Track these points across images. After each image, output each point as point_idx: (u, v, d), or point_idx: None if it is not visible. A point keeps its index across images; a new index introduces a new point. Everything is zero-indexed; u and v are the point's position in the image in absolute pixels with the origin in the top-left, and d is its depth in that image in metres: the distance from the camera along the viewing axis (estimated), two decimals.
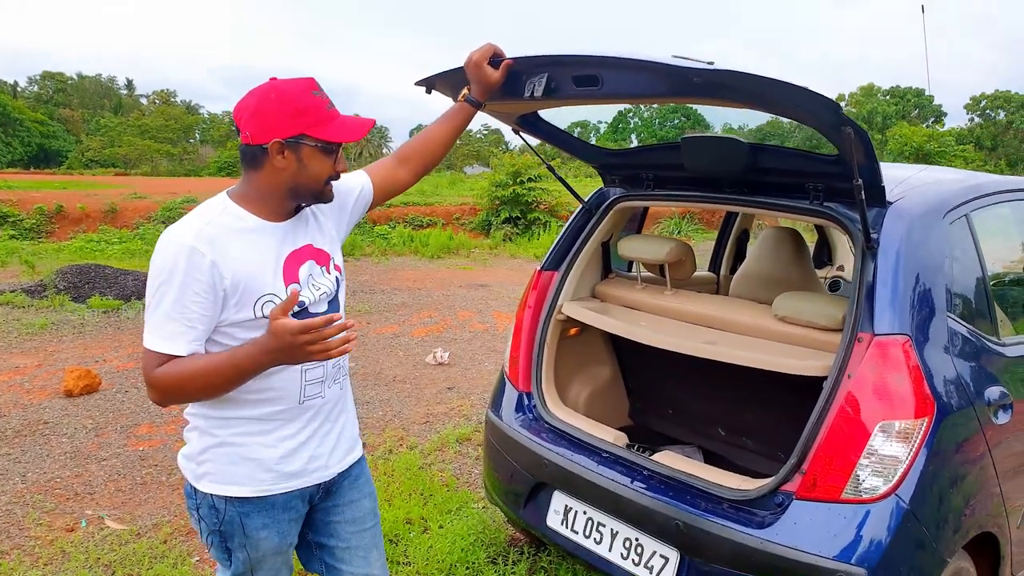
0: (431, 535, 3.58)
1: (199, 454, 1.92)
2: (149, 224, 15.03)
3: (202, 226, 1.77)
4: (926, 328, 2.33)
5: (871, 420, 2.20)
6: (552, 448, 2.91)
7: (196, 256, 1.71)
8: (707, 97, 2.18)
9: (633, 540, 2.62)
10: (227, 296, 1.76)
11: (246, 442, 1.89)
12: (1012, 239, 3.10)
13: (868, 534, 2.18)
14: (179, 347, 1.73)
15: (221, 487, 1.90)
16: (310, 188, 1.87)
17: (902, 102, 71.77)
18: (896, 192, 2.51)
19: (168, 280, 1.72)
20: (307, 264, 1.94)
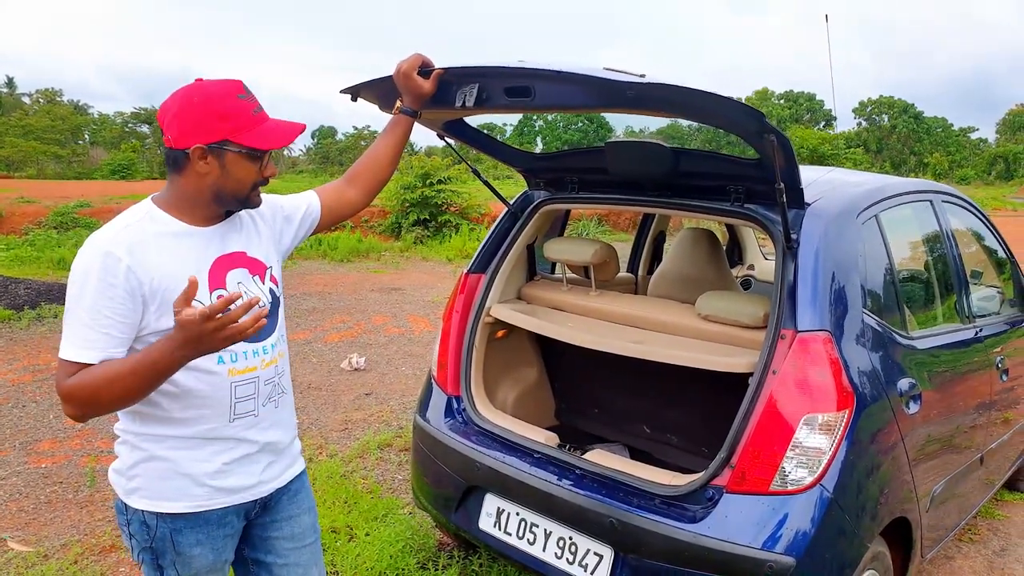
0: (358, 543, 3.52)
1: (129, 468, 1.85)
2: (40, 230, 14.20)
3: (119, 230, 1.72)
4: (844, 323, 2.43)
5: (796, 414, 2.28)
6: (483, 451, 2.91)
7: (111, 261, 1.66)
8: (638, 108, 2.22)
9: (567, 539, 2.65)
10: (146, 302, 1.70)
11: (177, 457, 1.82)
12: (915, 238, 3.27)
13: (795, 524, 2.26)
14: (92, 355, 1.65)
15: (152, 503, 1.83)
16: (235, 194, 1.81)
17: (795, 106, 74.86)
18: (812, 193, 2.62)
19: (82, 286, 1.66)
20: (237, 271, 1.88)
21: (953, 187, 3.82)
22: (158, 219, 1.78)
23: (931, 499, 2.87)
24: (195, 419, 1.82)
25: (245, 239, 1.93)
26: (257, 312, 1.59)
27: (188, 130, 1.71)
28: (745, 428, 2.35)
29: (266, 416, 1.94)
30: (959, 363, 3.15)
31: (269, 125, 1.81)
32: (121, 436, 1.87)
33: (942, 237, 3.29)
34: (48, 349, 6.91)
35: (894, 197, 2.96)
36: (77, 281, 1.68)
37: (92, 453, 4.62)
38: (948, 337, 3.10)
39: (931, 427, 2.81)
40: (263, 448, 1.95)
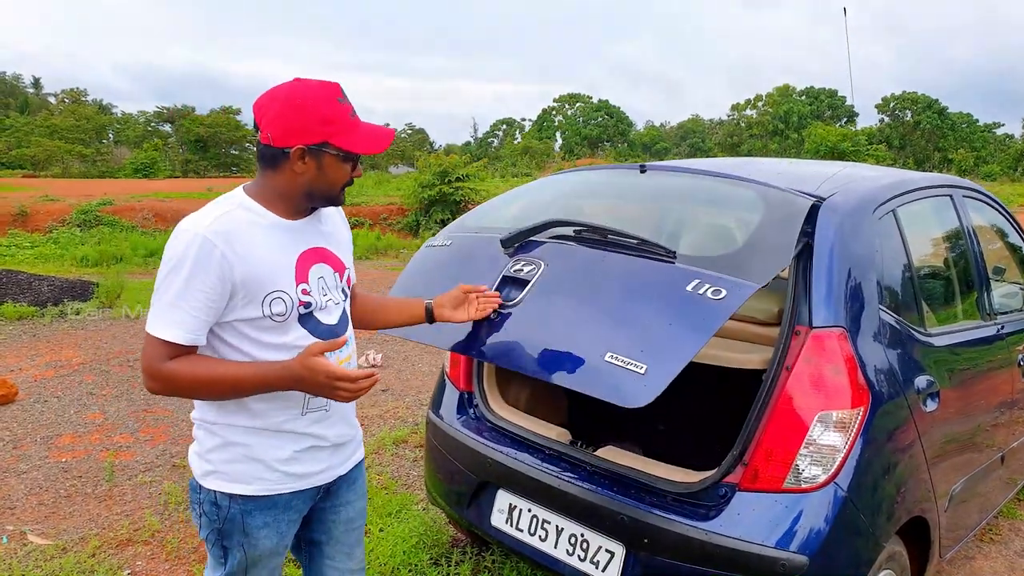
0: (372, 538, 3.53)
1: (207, 452, 1.92)
2: (63, 227, 14.42)
3: (216, 217, 1.77)
4: (860, 320, 2.40)
5: (810, 411, 2.25)
6: (495, 447, 2.90)
7: (207, 246, 1.72)
8: None
9: (579, 536, 2.63)
10: (235, 290, 1.77)
11: (252, 443, 1.90)
12: (934, 233, 3.22)
13: (809, 522, 2.24)
14: (179, 335, 1.73)
15: (226, 484, 1.91)
16: (326, 193, 1.89)
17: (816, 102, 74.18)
18: (828, 188, 2.59)
19: (177, 268, 1.72)
20: (319, 266, 1.95)
21: (977, 183, 3.76)
22: (251, 209, 1.84)
23: (950, 498, 2.83)
24: (270, 411, 1.89)
25: (326, 237, 2.00)
26: (373, 380, 1.78)
27: (290, 130, 1.77)
28: (758, 425, 2.32)
29: (336, 410, 2.02)
30: (979, 361, 3.10)
31: (364, 129, 1.86)
32: (198, 423, 1.94)
33: (962, 232, 3.24)
34: (71, 346, 6.99)
35: (912, 192, 2.92)
36: (171, 263, 1.73)
37: (111, 448, 4.66)
38: (968, 334, 3.05)
39: (950, 425, 2.77)
40: (331, 440, 2.02)
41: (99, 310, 8.43)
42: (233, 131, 54.66)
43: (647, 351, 2.11)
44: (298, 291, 1.86)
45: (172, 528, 3.68)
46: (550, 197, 3.31)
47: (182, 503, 3.92)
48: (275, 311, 1.82)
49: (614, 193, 3.21)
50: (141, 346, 1.79)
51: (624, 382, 2.09)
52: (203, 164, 54.00)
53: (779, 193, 2.52)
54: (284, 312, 1.84)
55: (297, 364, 1.74)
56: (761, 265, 2.21)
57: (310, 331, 1.90)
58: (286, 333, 1.86)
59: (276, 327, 1.84)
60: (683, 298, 2.16)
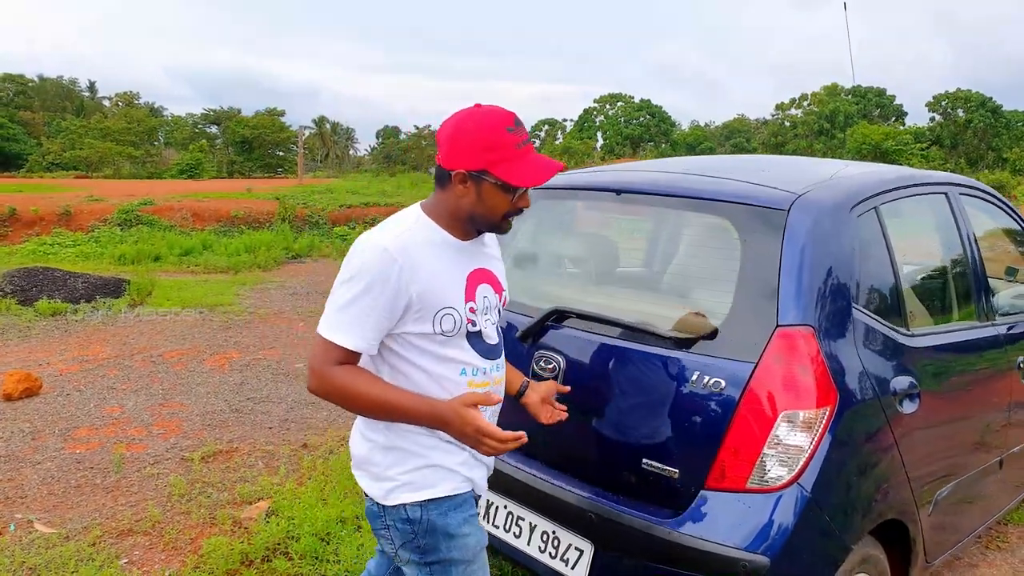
0: (363, 533, 3.57)
1: (384, 471, 1.95)
2: (104, 227, 14.79)
3: (399, 233, 1.85)
4: (831, 319, 2.36)
5: (775, 410, 2.23)
6: None
7: (387, 260, 1.79)
8: None
9: (550, 533, 2.63)
10: (410, 304, 1.83)
11: (428, 453, 1.94)
12: (924, 231, 3.16)
13: (772, 523, 2.21)
14: (351, 341, 1.80)
15: (415, 493, 1.93)
16: (486, 219, 1.92)
17: (863, 101, 72.75)
18: (804, 184, 2.55)
19: (357, 277, 1.79)
20: (484, 286, 2.00)
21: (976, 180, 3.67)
22: (427, 227, 1.91)
23: (934, 503, 2.77)
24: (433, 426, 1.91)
25: (489, 260, 2.07)
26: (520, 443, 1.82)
27: (455, 154, 1.84)
28: (725, 423, 2.30)
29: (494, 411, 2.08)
30: (970, 363, 3.02)
31: (530, 160, 1.87)
32: (369, 444, 1.98)
33: (957, 231, 3.16)
34: (99, 341, 7.18)
35: (899, 189, 2.86)
36: (352, 273, 1.80)
37: (125, 440, 4.78)
38: (958, 336, 2.98)
39: (934, 428, 2.71)
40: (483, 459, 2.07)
41: (130, 307, 8.65)
42: (277, 132, 55.54)
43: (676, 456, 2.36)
44: (466, 309, 1.91)
45: (172, 520, 3.76)
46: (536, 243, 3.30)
47: (184, 495, 4.01)
48: (445, 327, 1.88)
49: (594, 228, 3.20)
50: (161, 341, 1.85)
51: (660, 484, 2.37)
52: (248, 165, 54.93)
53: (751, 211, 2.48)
54: (453, 328, 1.89)
55: (449, 409, 1.81)
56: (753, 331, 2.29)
57: (473, 347, 1.96)
58: (452, 348, 1.92)
59: (444, 342, 1.90)
60: (690, 396, 2.33)
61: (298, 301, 9.67)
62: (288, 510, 3.80)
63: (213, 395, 5.80)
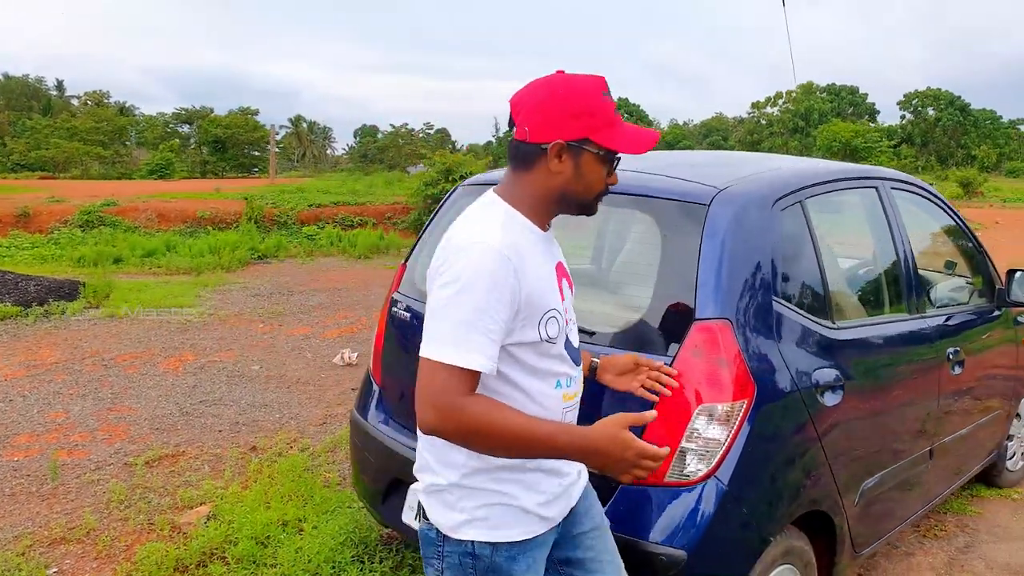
0: (304, 536, 3.53)
1: (459, 501, 1.71)
2: (65, 228, 14.57)
3: (499, 229, 1.60)
4: (751, 313, 2.36)
5: (692, 403, 2.22)
6: (404, 442, 2.89)
7: (502, 260, 1.54)
8: None
9: None
10: (520, 310, 1.59)
11: (510, 488, 1.71)
12: (852, 225, 3.17)
13: (689, 516, 2.21)
14: (481, 362, 1.52)
15: (486, 532, 1.70)
16: (581, 198, 1.70)
17: (837, 99, 73.53)
18: (727, 179, 2.55)
19: (470, 286, 1.52)
20: (565, 281, 1.80)
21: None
22: (517, 218, 1.67)
23: (860, 494, 2.78)
24: None
25: (559, 251, 1.84)
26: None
27: (548, 123, 1.61)
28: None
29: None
30: (898, 355, 3.04)
31: (629, 127, 1.69)
32: (445, 471, 1.73)
33: (887, 226, 3.17)
34: (49, 345, 7.06)
35: (826, 184, 2.86)
36: (463, 280, 1.52)
37: (67, 447, 4.70)
38: (885, 329, 3.00)
39: (859, 420, 2.72)
40: (579, 470, 1.89)
41: (85, 310, 8.52)
42: (251, 132, 55.06)
43: None
44: (563, 309, 1.71)
45: (108, 527, 3.70)
46: None
47: (123, 501, 3.95)
48: (550, 332, 1.65)
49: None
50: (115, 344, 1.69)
51: None
52: (222, 165, 54.41)
53: (674, 206, 2.48)
54: (556, 333, 1.67)
55: (604, 436, 1.56)
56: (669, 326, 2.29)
57: (568, 353, 1.75)
58: (549, 358, 1.70)
59: (544, 351, 1.67)
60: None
61: (260, 302, 9.58)
62: (229, 514, 3.75)
63: (164, 398, 5.72)
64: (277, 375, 6.42)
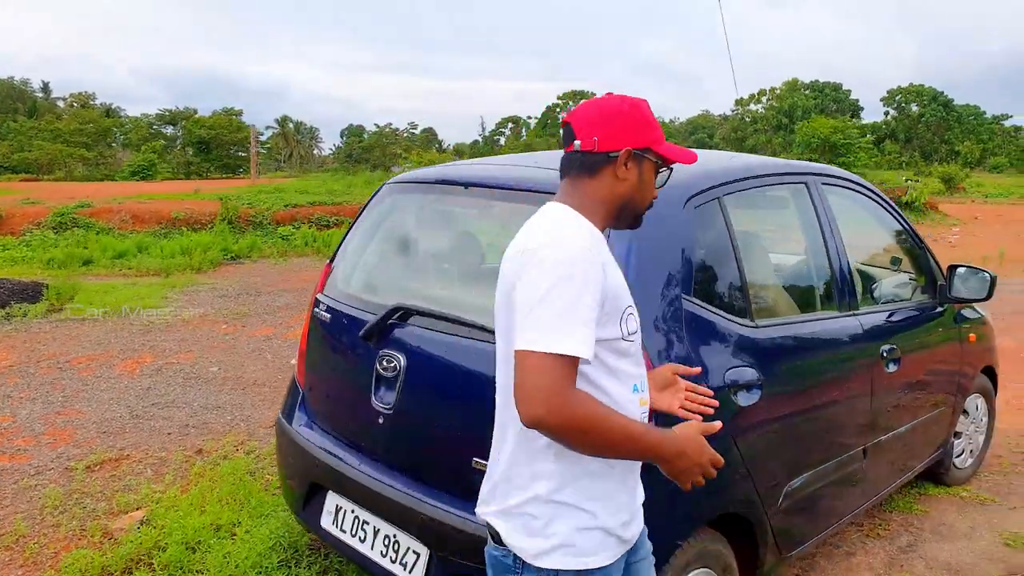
0: (236, 541, 3.47)
1: (545, 525, 1.65)
2: (37, 230, 14.44)
3: (583, 227, 1.64)
4: (658, 311, 2.32)
5: None
6: (323, 447, 2.85)
7: (593, 253, 1.58)
8: None
9: (392, 537, 2.57)
10: (604, 303, 1.60)
11: (596, 510, 1.67)
12: (777, 222, 3.13)
13: None
14: (581, 348, 1.50)
15: (576, 559, 1.65)
16: (638, 207, 1.76)
17: (820, 96, 73.73)
18: None
19: (569, 276, 1.52)
20: None
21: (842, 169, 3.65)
22: (587, 223, 1.68)
23: (784, 495, 2.74)
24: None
25: None
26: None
27: (616, 132, 1.68)
28: None
29: None
30: (824, 353, 3.00)
31: (672, 144, 1.77)
32: (533, 483, 1.67)
33: (817, 222, 3.13)
34: (5, 348, 6.97)
35: (746, 180, 2.82)
36: (560, 271, 1.52)
37: (8, 451, 4.62)
38: (811, 327, 2.96)
39: (780, 420, 2.69)
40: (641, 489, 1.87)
41: (48, 312, 8.43)
42: (235, 132, 54.82)
43: None
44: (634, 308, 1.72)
45: (39, 533, 3.63)
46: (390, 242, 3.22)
47: (58, 507, 3.88)
48: (630, 329, 1.67)
49: (442, 226, 3.11)
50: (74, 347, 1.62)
51: None
52: (206, 166, 54.17)
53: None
54: (635, 329, 1.69)
55: (685, 438, 1.61)
56: None
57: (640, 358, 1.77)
58: (626, 359, 1.69)
59: (622, 351, 1.67)
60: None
61: (226, 303, 9.50)
62: (163, 519, 3.69)
63: (116, 401, 5.65)
64: (234, 376, 6.36)
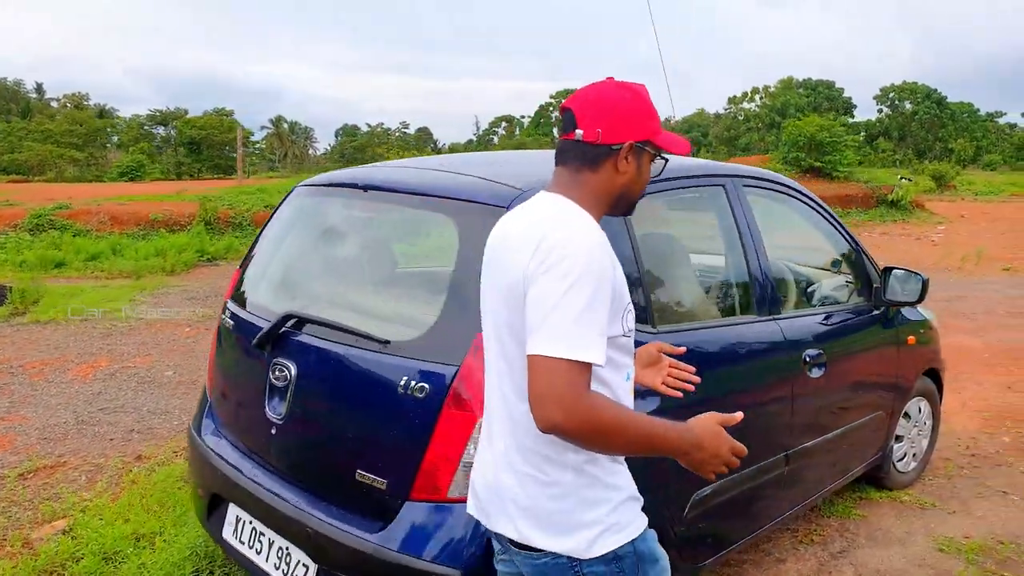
0: (155, 551, 3.41)
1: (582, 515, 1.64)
2: (13, 232, 14.35)
3: (591, 222, 1.60)
4: None
5: (476, 414, 2.13)
6: (225, 457, 2.79)
7: (606, 251, 1.55)
8: None
9: (284, 549, 2.52)
10: (612, 302, 1.57)
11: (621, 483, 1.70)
12: (687, 226, 3.08)
13: (467, 535, 2.12)
14: (595, 355, 1.47)
15: (621, 535, 1.66)
16: (634, 197, 1.73)
17: (814, 94, 73.71)
18: (533, 180, 2.45)
19: (583, 280, 1.47)
20: None
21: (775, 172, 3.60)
22: (588, 215, 1.63)
23: (691, 504, 2.68)
24: None
25: None
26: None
27: (619, 124, 1.63)
28: (432, 430, 2.19)
29: None
30: (735, 359, 2.93)
31: (668, 132, 1.72)
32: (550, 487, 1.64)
33: (735, 225, 3.05)
34: None
35: (654, 182, 2.75)
36: (573, 271, 1.48)
37: None
38: (719, 332, 2.89)
39: None
40: None
41: (11, 316, 8.36)
42: (226, 133, 54.75)
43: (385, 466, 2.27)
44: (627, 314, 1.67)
45: None
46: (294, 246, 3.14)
47: None
48: (629, 325, 1.64)
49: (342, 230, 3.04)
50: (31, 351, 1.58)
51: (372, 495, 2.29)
52: (197, 166, 54.06)
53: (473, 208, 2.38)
54: (632, 326, 1.67)
55: (704, 431, 1.59)
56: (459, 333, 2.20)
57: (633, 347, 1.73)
58: (622, 351, 1.67)
59: (620, 344, 1.65)
60: (399, 401, 2.22)
61: (195, 305, 9.44)
62: (85, 528, 3.63)
63: (63, 407, 5.58)
64: (188, 380, 6.29)
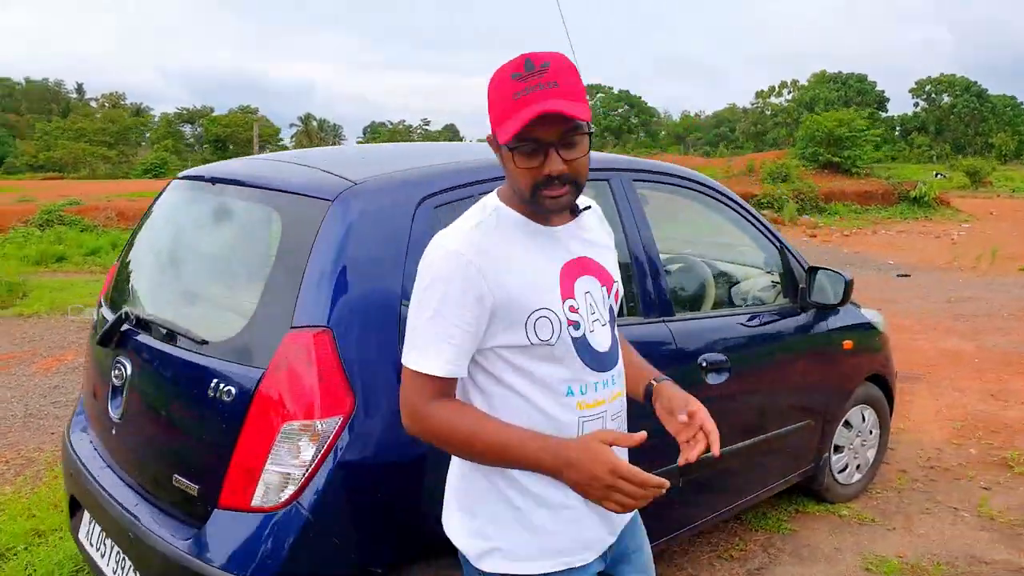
0: (57, 550, 3.37)
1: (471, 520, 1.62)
2: (24, 227, 14.59)
3: (470, 228, 1.53)
4: (365, 321, 2.14)
5: (278, 420, 2.03)
6: (81, 456, 2.74)
7: (460, 262, 1.48)
8: None
9: (120, 553, 2.45)
10: (495, 310, 1.50)
11: (524, 506, 1.59)
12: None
13: (267, 545, 2.03)
14: (436, 366, 1.48)
15: (511, 564, 1.59)
16: (522, 193, 1.52)
17: (844, 87, 72.36)
18: (371, 174, 2.35)
19: (429, 290, 1.49)
20: (586, 279, 1.63)
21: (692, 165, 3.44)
22: (506, 216, 1.57)
23: None
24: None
25: (590, 247, 1.68)
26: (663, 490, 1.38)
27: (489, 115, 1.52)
28: (240, 433, 2.10)
29: None
30: None
31: (521, 110, 1.42)
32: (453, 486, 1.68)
33: (620, 224, 2.86)
34: None
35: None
36: (423, 285, 1.50)
37: None
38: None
39: None
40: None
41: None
42: (250, 130, 55.37)
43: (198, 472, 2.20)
44: (566, 309, 1.55)
45: None
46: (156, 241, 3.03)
47: None
48: (541, 335, 1.52)
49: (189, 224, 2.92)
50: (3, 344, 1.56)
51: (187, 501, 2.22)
52: None
53: (298, 201, 2.29)
54: (551, 335, 1.53)
55: (576, 446, 1.43)
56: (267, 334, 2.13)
57: (580, 357, 1.58)
58: (552, 362, 1.55)
59: (544, 354, 1.54)
60: (211, 404, 2.13)
61: None
62: None
63: (17, 400, 5.61)
64: None
